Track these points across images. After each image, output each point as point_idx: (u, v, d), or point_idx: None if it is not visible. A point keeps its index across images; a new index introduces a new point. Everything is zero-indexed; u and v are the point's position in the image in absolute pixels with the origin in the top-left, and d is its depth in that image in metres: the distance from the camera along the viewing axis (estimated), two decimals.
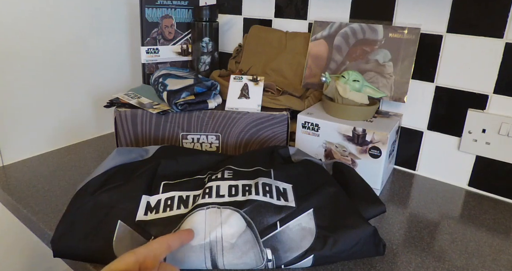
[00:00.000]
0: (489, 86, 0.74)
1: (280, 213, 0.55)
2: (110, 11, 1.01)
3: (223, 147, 0.82)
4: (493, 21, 0.71)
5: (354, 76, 0.76)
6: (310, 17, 0.94)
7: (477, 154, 0.77)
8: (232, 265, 0.52)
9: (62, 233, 0.53)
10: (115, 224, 0.54)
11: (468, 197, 0.77)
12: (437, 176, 0.84)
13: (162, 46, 1.00)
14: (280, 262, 0.52)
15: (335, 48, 0.87)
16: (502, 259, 0.59)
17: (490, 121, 0.74)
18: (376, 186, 0.74)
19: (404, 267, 0.56)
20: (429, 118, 0.82)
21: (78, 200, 0.57)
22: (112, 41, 1.02)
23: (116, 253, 0.52)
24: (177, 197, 0.59)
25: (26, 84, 0.86)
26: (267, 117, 0.79)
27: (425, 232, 0.65)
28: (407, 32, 0.79)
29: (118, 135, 0.80)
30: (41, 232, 0.64)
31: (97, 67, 1.01)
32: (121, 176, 0.62)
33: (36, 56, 0.87)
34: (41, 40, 0.87)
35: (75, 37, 0.94)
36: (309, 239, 0.53)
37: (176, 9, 1.00)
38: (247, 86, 0.82)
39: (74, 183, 0.76)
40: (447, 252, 0.60)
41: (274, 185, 0.59)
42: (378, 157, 0.72)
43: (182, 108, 0.77)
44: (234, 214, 0.54)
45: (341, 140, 0.74)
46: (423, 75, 0.80)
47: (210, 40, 0.99)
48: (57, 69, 0.91)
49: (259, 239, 0.52)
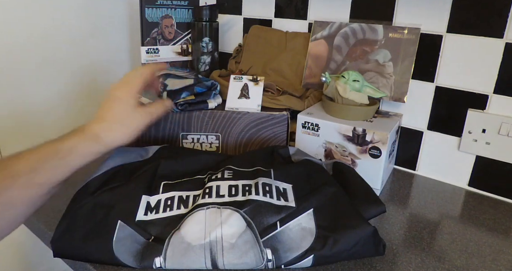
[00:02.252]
0: (489, 86, 0.74)
1: (280, 213, 0.55)
2: (110, 11, 1.01)
3: (223, 147, 0.82)
4: (493, 21, 0.70)
5: (354, 76, 0.76)
6: (310, 17, 0.94)
7: (477, 154, 0.77)
8: (232, 265, 0.52)
9: (62, 233, 0.53)
10: (115, 224, 0.54)
11: (468, 197, 0.77)
12: (437, 176, 0.84)
13: (162, 46, 1.00)
14: (280, 262, 0.52)
15: (335, 48, 0.87)
16: (502, 259, 0.59)
17: (490, 121, 0.74)
18: (376, 186, 0.74)
19: (404, 267, 0.56)
20: (429, 118, 0.82)
21: (78, 200, 0.57)
22: (112, 41, 1.03)
23: (116, 253, 0.52)
24: (177, 197, 0.59)
25: (26, 84, 0.86)
26: (267, 117, 0.79)
27: (425, 232, 0.65)
28: (407, 32, 0.79)
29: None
30: (41, 232, 0.64)
31: (97, 67, 1.01)
32: (121, 176, 0.62)
33: (36, 56, 0.87)
34: (41, 40, 0.87)
35: (75, 37, 0.94)
36: (309, 239, 0.53)
37: (176, 9, 1.00)
38: (247, 86, 0.82)
39: (74, 183, 0.75)
40: (447, 252, 0.60)
41: (274, 185, 0.59)
42: (378, 157, 0.72)
43: (182, 108, 0.77)
44: (234, 214, 0.54)
45: (341, 140, 0.74)
46: (423, 75, 0.80)
47: (210, 40, 0.99)
48: (57, 69, 0.91)
49: (259, 239, 0.52)
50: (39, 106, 0.89)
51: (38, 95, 0.88)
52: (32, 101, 0.88)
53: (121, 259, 0.52)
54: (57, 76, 0.92)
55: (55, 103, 0.92)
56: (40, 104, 0.89)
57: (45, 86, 0.89)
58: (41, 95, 0.89)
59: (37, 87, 0.88)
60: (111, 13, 1.01)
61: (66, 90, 0.94)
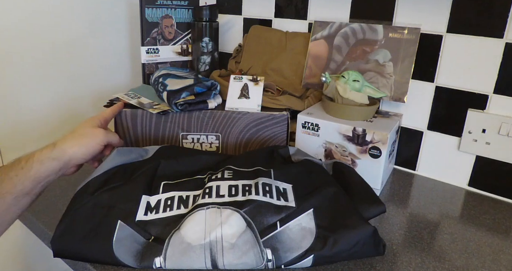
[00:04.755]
0: (489, 86, 0.74)
1: (280, 213, 0.55)
2: (110, 11, 1.01)
3: (223, 147, 0.82)
4: (493, 21, 0.71)
5: (354, 76, 0.76)
6: (310, 17, 0.94)
7: (477, 154, 0.77)
8: (232, 265, 0.52)
9: (62, 233, 0.53)
10: (115, 224, 0.54)
11: (468, 197, 0.77)
12: (437, 176, 0.84)
13: (162, 46, 1.00)
14: (280, 262, 0.52)
15: (335, 48, 0.87)
16: (502, 259, 0.59)
17: (490, 121, 0.74)
18: (376, 186, 0.74)
19: (404, 267, 0.56)
20: (429, 118, 0.82)
21: (78, 200, 0.57)
22: (112, 41, 1.03)
23: (116, 253, 0.52)
24: (177, 197, 0.59)
25: (26, 84, 0.86)
26: (267, 117, 0.79)
27: (425, 232, 0.65)
28: (407, 32, 0.79)
29: (118, 135, 0.80)
30: (41, 232, 0.64)
31: (97, 67, 1.01)
32: (121, 176, 0.62)
33: (36, 56, 0.87)
34: (41, 40, 0.87)
35: (75, 37, 0.94)
36: (309, 239, 0.53)
37: (176, 9, 1.00)
38: (247, 86, 0.82)
39: (74, 183, 0.75)
40: (447, 252, 0.60)
41: (274, 185, 0.59)
42: (378, 157, 0.72)
43: (182, 108, 0.77)
44: (234, 214, 0.54)
45: (341, 140, 0.74)
46: (423, 75, 0.80)
47: (210, 40, 0.99)
48: (57, 69, 0.91)
49: (259, 239, 0.52)
50: (39, 106, 0.89)
51: (38, 95, 0.88)
52: (31, 100, 0.88)
53: (121, 259, 0.52)
54: (57, 76, 0.92)
55: (55, 103, 0.92)
56: (40, 105, 0.89)
57: (44, 86, 0.89)
58: (41, 95, 0.89)
59: (37, 87, 0.88)
60: (111, 13, 1.01)
61: (66, 91, 0.94)
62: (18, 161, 0.55)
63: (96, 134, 0.64)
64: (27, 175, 0.54)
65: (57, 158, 0.58)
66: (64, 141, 0.60)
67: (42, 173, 0.56)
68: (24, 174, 0.54)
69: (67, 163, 0.59)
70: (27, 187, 0.54)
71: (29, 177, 0.54)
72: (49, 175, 0.57)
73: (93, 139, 0.63)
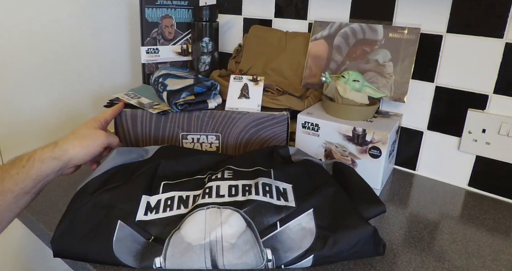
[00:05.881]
0: (489, 86, 0.74)
1: (280, 213, 0.55)
2: (110, 11, 1.01)
3: (223, 147, 0.82)
4: (493, 21, 0.70)
5: (354, 76, 0.76)
6: (310, 17, 0.94)
7: (477, 154, 0.77)
8: (232, 265, 0.52)
9: (62, 233, 0.53)
10: (115, 224, 0.54)
11: (468, 197, 0.77)
12: (437, 176, 0.84)
13: (162, 46, 1.00)
14: (280, 262, 0.52)
15: (335, 48, 0.87)
16: (502, 259, 0.59)
17: (490, 121, 0.74)
18: (376, 186, 0.74)
19: (404, 267, 0.56)
20: (429, 118, 0.82)
21: (78, 200, 0.57)
22: (112, 41, 1.03)
23: (116, 253, 0.52)
24: (177, 197, 0.59)
25: (27, 84, 0.86)
26: (267, 117, 0.79)
27: (425, 232, 0.65)
28: (407, 32, 0.79)
29: (118, 135, 0.80)
30: (41, 232, 0.64)
31: (97, 67, 1.01)
32: (121, 176, 0.62)
33: (37, 56, 0.87)
34: (41, 40, 0.87)
35: (75, 37, 0.94)
36: (309, 239, 0.53)
37: (176, 9, 1.00)
38: (247, 86, 0.82)
39: (74, 183, 0.75)
40: (447, 252, 0.60)
41: (274, 185, 0.59)
42: (378, 157, 0.72)
43: (182, 108, 0.77)
44: (234, 214, 0.54)
45: (341, 140, 0.74)
46: (423, 75, 0.80)
47: (210, 40, 0.99)
48: (57, 69, 0.91)
49: (259, 239, 0.52)
50: (39, 106, 0.89)
51: (38, 95, 0.88)
52: (31, 100, 0.88)
53: (121, 259, 0.52)
54: (57, 76, 0.92)
55: (55, 103, 0.92)
56: (40, 105, 0.89)
57: (45, 86, 0.89)
58: (41, 95, 0.89)
59: (37, 87, 0.88)
60: (111, 13, 1.01)
61: (66, 90, 0.94)
62: (19, 159, 0.55)
63: (97, 136, 0.64)
64: (29, 173, 0.54)
65: (58, 157, 0.58)
66: (65, 140, 0.60)
67: (42, 172, 0.56)
68: (26, 172, 0.54)
69: (67, 163, 0.59)
70: (28, 186, 0.55)
71: (30, 175, 0.55)
72: (49, 174, 0.57)
73: (95, 141, 0.63)
